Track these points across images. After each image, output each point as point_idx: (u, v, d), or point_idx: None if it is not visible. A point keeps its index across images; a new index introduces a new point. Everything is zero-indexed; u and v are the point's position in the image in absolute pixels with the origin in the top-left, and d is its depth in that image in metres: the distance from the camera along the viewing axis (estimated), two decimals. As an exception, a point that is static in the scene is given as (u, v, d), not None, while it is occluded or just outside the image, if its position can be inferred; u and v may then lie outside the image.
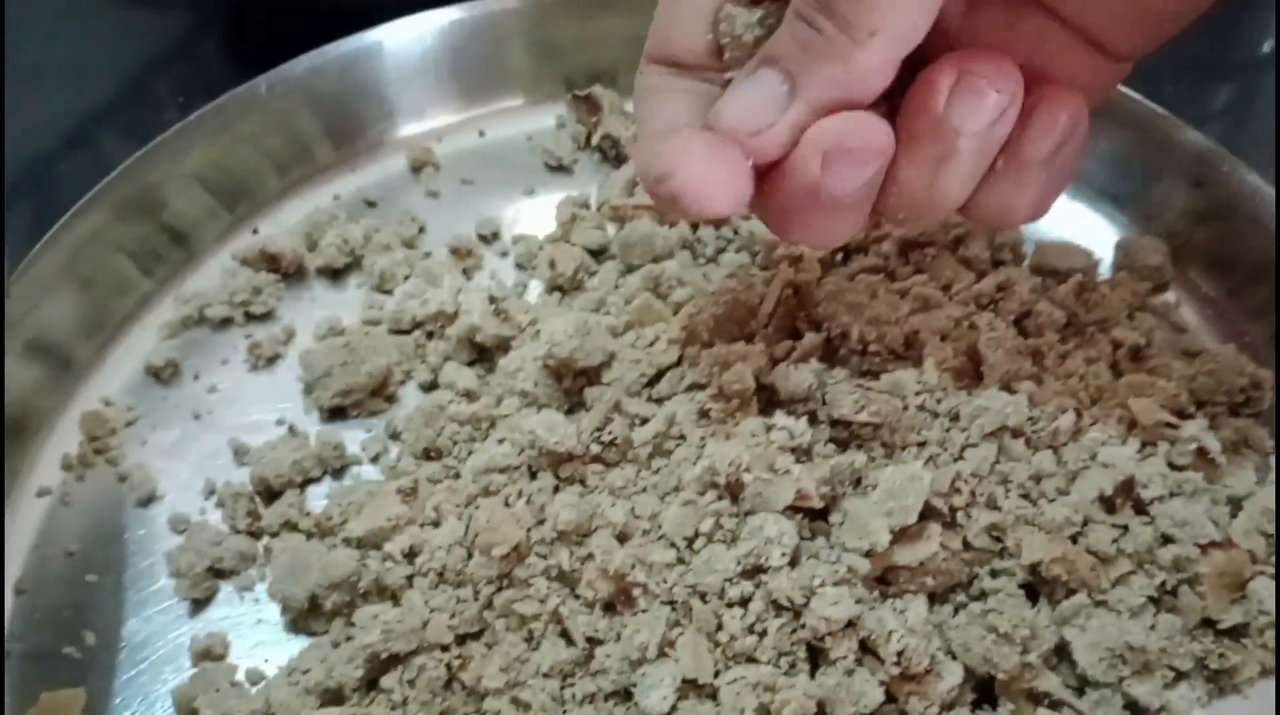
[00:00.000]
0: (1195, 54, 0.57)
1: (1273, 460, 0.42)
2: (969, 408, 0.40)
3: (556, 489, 0.40)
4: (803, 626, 0.36)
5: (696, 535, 0.38)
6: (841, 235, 0.34)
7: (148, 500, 0.43)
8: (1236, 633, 0.39)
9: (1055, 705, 0.36)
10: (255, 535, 0.42)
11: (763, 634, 0.36)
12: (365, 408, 0.45)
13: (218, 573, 0.41)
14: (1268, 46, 0.63)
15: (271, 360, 0.47)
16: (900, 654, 0.36)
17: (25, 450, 0.44)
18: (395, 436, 0.44)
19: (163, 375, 0.47)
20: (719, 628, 0.37)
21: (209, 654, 0.39)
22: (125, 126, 0.60)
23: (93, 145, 0.60)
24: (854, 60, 0.30)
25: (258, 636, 0.40)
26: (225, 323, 0.48)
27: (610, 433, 0.40)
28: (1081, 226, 0.50)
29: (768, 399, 0.41)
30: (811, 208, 0.32)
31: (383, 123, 0.55)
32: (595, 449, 0.40)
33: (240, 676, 0.39)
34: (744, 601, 0.37)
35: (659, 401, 0.42)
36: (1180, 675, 0.38)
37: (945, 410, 0.40)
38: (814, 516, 0.39)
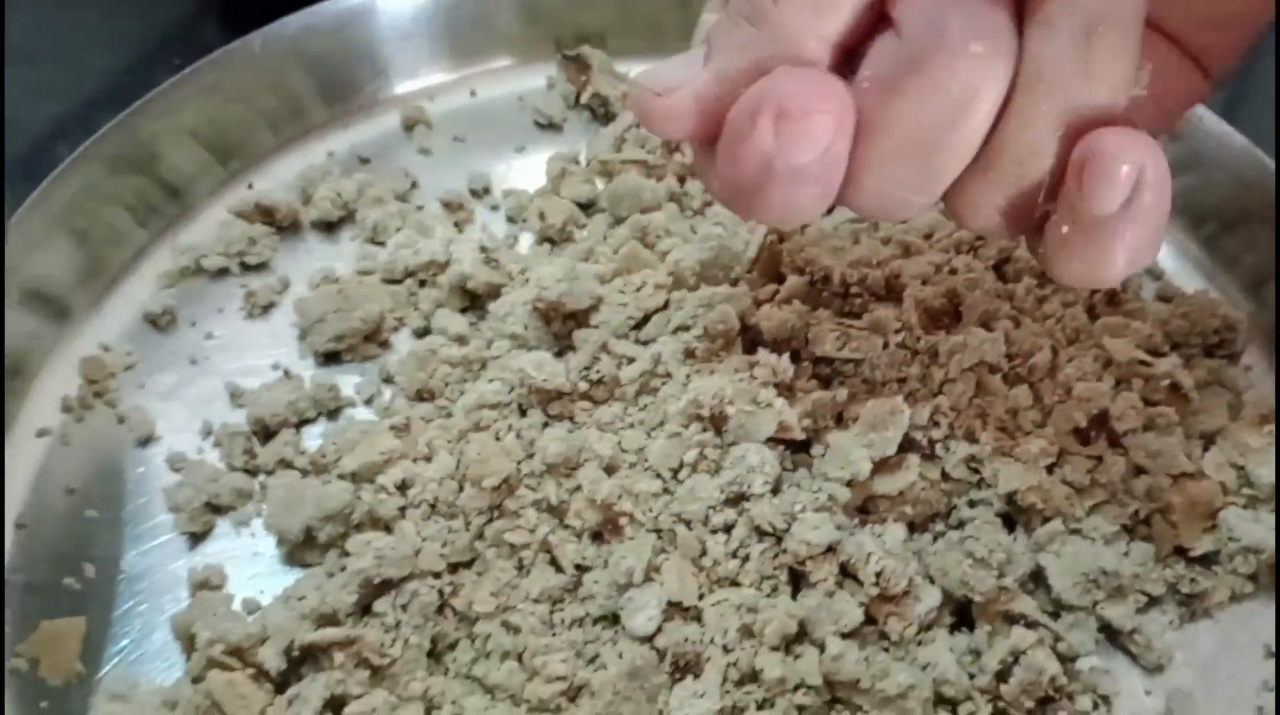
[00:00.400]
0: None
1: (1245, 397, 0.44)
2: (947, 345, 0.41)
3: (546, 425, 0.41)
4: (784, 551, 0.37)
5: (681, 466, 0.39)
6: (807, 210, 0.30)
7: (146, 440, 0.44)
8: (1207, 560, 0.40)
9: (1031, 626, 0.37)
10: (251, 473, 0.43)
11: (745, 559, 0.37)
12: (359, 353, 0.46)
13: (215, 508, 0.42)
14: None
15: (267, 308, 0.48)
16: (879, 575, 0.37)
17: (25, 393, 0.45)
18: (388, 380, 0.45)
19: (160, 322, 0.48)
20: (703, 553, 0.38)
21: (206, 584, 0.40)
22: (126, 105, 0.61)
23: (92, 126, 0.61)
24: (770, 20, 0.28)
25: (254, 569, 0.41)
26: (221, 273, 0.49)
27: (598, 372, 0.41)
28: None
29: (751, 339, 0.42)
30: (771, 183, 0.29)
31: (375, 82, 0.56)
32: (583, 386, 0.41)
33: (237, 606, 0.40)
34: (727, 528, 0.38)
35: (645, 343, 0.43)
36: (1153, 600, 0.39)
37: (924, 348, 0.41)
38: (795, 449, 0.40)
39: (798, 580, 0.38)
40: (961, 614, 0.39)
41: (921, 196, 0.30)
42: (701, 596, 0.37)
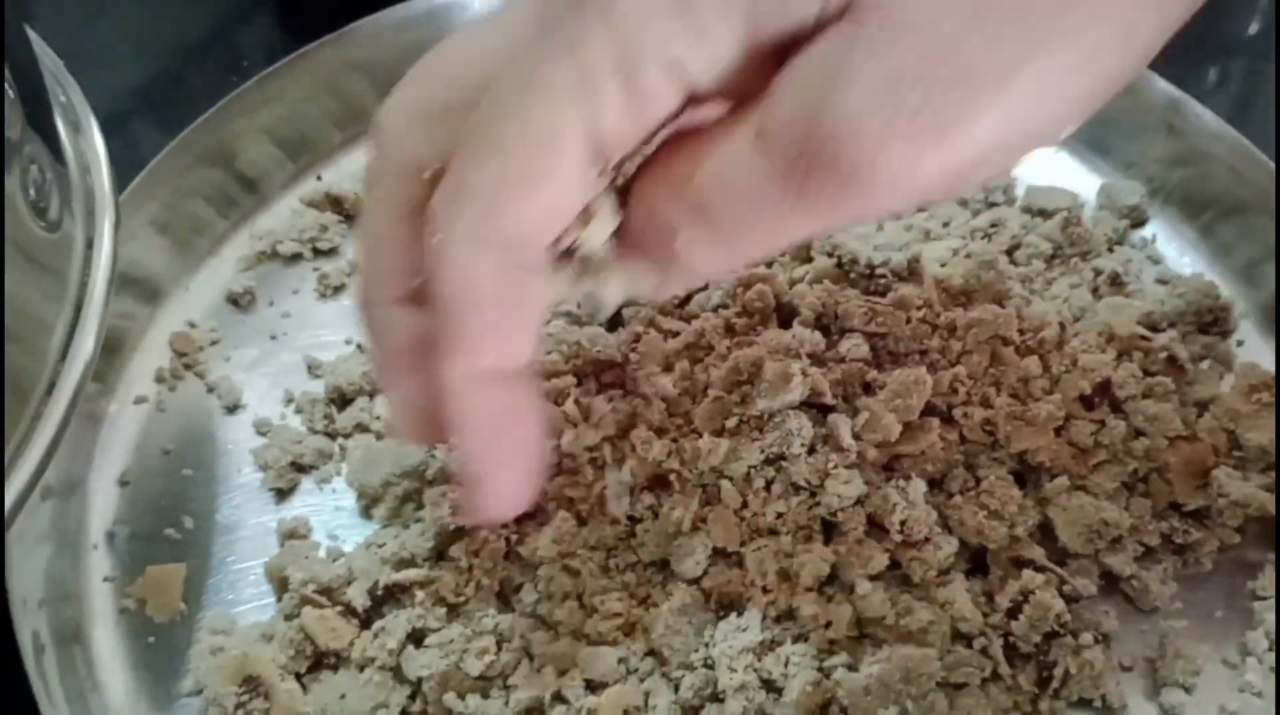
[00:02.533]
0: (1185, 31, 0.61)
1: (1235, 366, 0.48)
2: (964, 320, 0.45)
3: (599, 391, 0.45)
4: (818, 505, 0.41)
5: (724, 429, 0.43)
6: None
7: (234, 407, 0.49)
8: (1199, 515, 0.44)
9: (1039, 570, 0.41)
10: (330, 436, 0.47)
11: (783, 512, 0.42)
12: (425, 329, 0.51)
13: (299, 467, 0.46)
14: (1254, 28, 0.68)
15: (338, 289, 0.52)
16: (903, 524, 0.41)
17: (122, 366, 0.50)
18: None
19: (241, 302, 0.52)
20: (744, 505, 0.42)
21: (294, 534, 0.45)
22: (189, 93, 0.64)
23: (139, 125, 0.64)
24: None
25: (336, 521, 0.45)
26: (295, 258, 0.53)
27: (645, 345, 0.45)
28: (1067, 173, 0.55)
29: (786, 316, 0.47)
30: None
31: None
32: (634, 357, 0.45)
33: (322, 554, 0.44)
34: (767, 484, 0.42)
35: (688, 320, 0.48)
36: (1149, 550, 0.43)
37: (944, 323, 0.46)
38: (826, 412, 0.44)
39: (829, 530, 0.42)
40: (976, 561, 0.43)
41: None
42: (743, 544, 0.41)
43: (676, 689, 0.40)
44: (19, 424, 0.35)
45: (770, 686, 0.39)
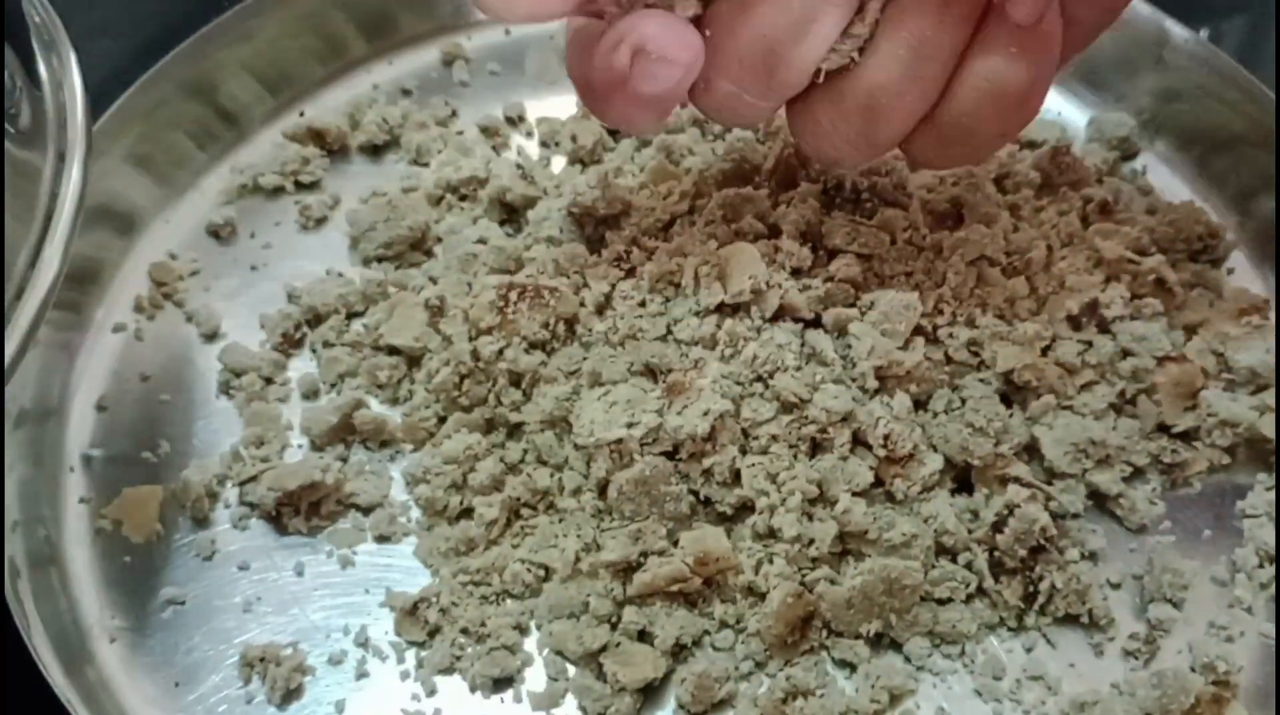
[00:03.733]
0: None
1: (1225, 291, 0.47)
2: (950, 241, 0.45)
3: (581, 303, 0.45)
4: (807, 420, 0.41)
5: (716, 342, 0.42)
6: (642, 127, 0.38)
7: (212, 335, 0.48)
8: (1188, 436, 0.43)
9: (1025, 486, 0.41)
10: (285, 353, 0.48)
11: (775, 435, 0.41)
12: (406, 259, 0.50)
13: (268, 381, 0.47)
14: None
15: (320, 221, 0.52)
16: (886, 438, 0.40)
17: (100, 295, 0.49)
18: (434, 281, 0.49)
19: (221, 233, 0.51)
20: (737, 413, 0.41)
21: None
22: (167, 25, 0.63)
23: (148, 66, 0.63)
24: None
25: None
26: (277, 191, 0.53)
27: (629, 262, 0.45)
28: (1057, 106, 0.55)
29: (771, 237, 0.46)
30: (618, 96, 0.35)
31: (414, 21, 0.59)
32: (616, 273, 0.45)
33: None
34: (760, 396, 0.41)
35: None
36: (1137, 471, 0.43)
37: (929, 244, 0.45)
38: (809, 325, 0.43)
39: (816, 449, 0.41)
40: (962, 481, 0.42)
41: (765, 103, 0.36)
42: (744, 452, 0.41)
43: None
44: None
45: (752, 590, 0.39)
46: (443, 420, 0.45)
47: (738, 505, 0.41)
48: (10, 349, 0.35)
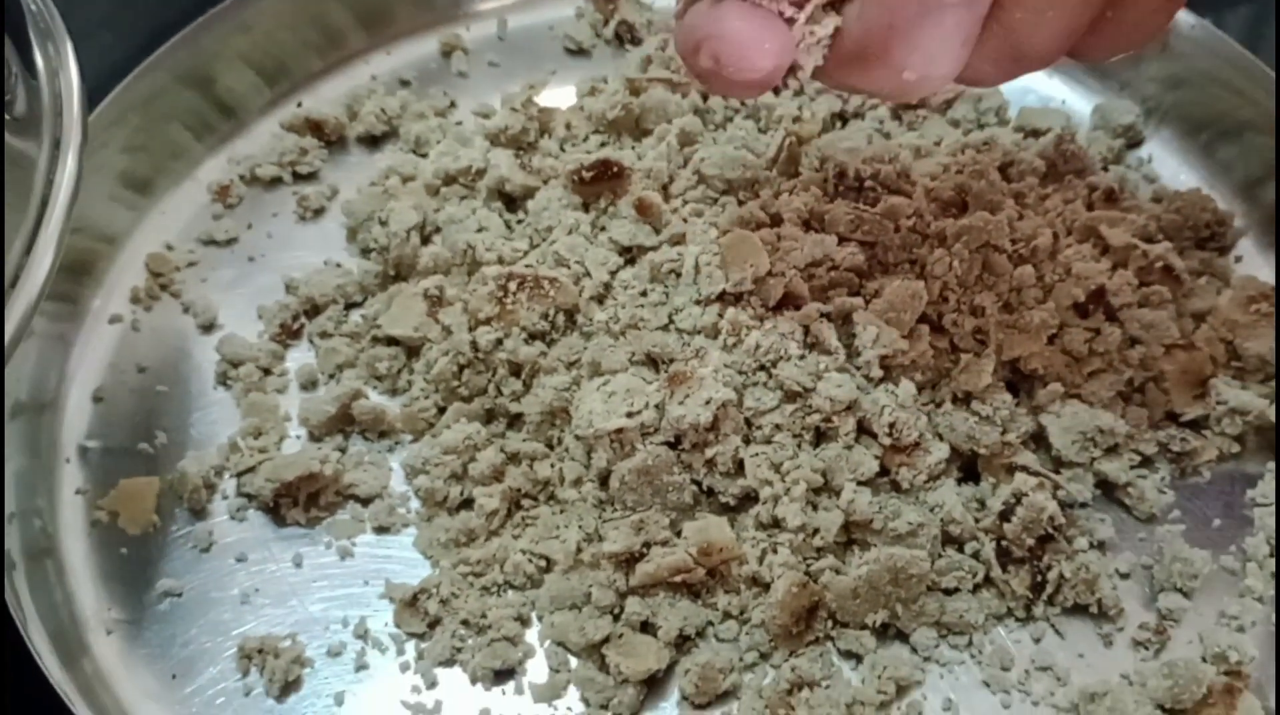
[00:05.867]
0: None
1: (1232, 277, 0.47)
2: (955, 228, 0.44)
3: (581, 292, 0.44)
4: (811, 410, 0.40)
5: (718, 331, 0.42)
6: (745, 94, 0.33)
7: (209, 326, 0.48)
8: (1197, 424, 0.43)
9: (1032, 475, 0.40)
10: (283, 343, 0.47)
11: (778, 424, 0.40)
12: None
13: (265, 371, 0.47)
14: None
15: (318, 212, 0.51)
16: (892, 426, 0.40)
17: (96, 287, 0.49)
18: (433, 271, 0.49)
19: (219, 228, 0.51)
20: (740, 402, 0.41)
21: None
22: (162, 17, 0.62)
23: (131, 33, 0.62)
24: None
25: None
26: (275, 182, 0.52)
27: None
28: (1061, 95, 0.54)
29: (773, 224, 0.45)
30: (714, 83, 0.32)
31: (412, 13, 0.59)
32: (616, 261, 0.44)
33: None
34: (763, 383, 0.41)
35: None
36: (1145, 460, 0.42)
37: (934, 232, 0.45)
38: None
39: (820, 439, 0.41)
40: (968, 470, 0.42)
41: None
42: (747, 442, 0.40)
43: None
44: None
45: (756, 581, 0.38)
46: (442, 411, 0.44)
47: (741, 495, 0.40)
48: (9, 332, 0.35)
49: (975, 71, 0.33)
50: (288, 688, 0.39)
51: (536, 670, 0.39)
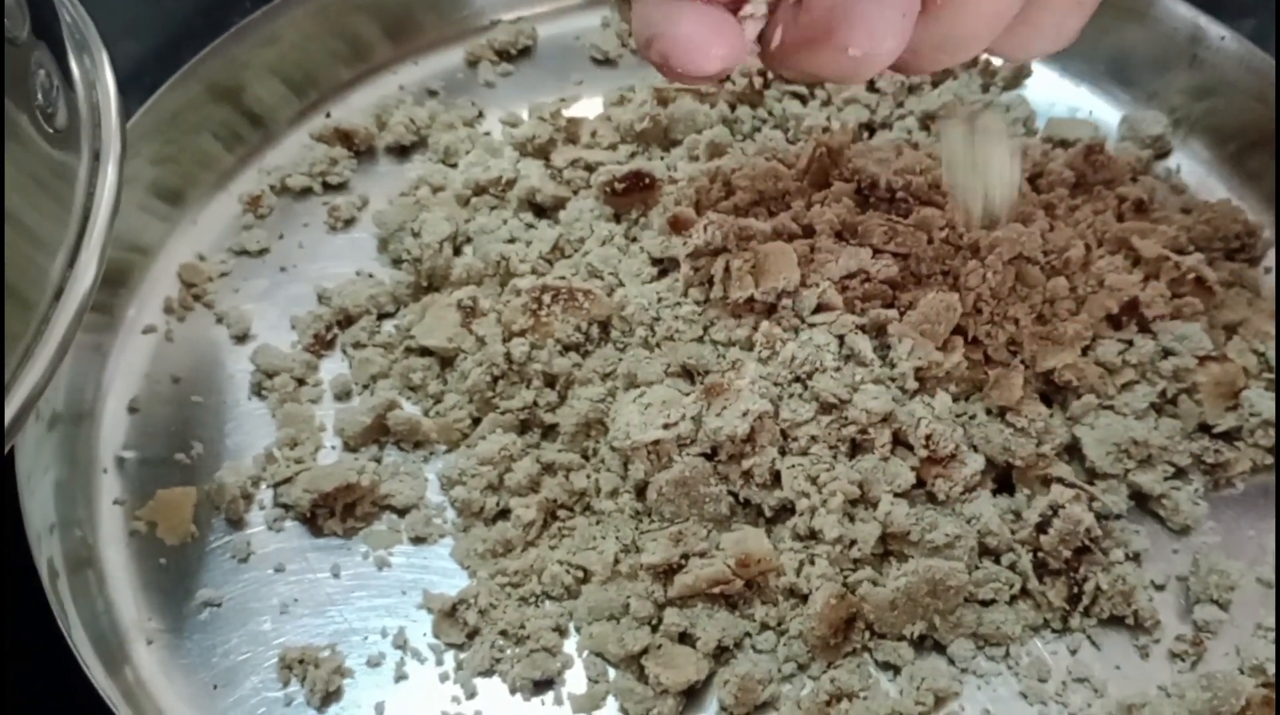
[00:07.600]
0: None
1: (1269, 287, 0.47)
2: (988, 240, 0.44)
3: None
4: (847, 421, 0.40)
5: (753, 343, 0.42)
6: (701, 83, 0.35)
7: (242, 337, 0.48)
8: (1230, 436, 0.43)
9: (1068, 486, 0.40)
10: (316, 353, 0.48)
11: (814, 436, 0.40)
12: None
13: (300, 382, 0.47)
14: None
15: (349, 222, 0.52)
16: (928, 438, 0.40)
17: (129, 297, 0.49)
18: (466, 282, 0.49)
19: (251, 235, 0.51)
20: (776, 413, 0.41)
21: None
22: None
23: (174, 64, 0.62)
24: None
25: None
26: (305, 192, 0.53)
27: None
28: (1089, 106, 0.55)
29: (805, 236, 0.46)
30: (668, 74, 0.33)
31: (439, 23, 0.59)
32: (650, 271, 0.45)
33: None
34: (799, 396, 0.41)
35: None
36: (1179, 471, 0.42)
37: (967, 243, 0.45)
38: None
39: (856, 450, 0.41)
40: (1003, 482, 0.42)
41: None
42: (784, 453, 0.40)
43: None
44: (17, 347, 0.34)
45: (793, 592, 0.39)
46: (477, 421, 0.44)
47: (778, 506, 0.41)
48: (50, 349, 0.35)
49: (900, 59, 0.33)
50: (328, 698, 0.39)
51: (575, 681, 0.40)
